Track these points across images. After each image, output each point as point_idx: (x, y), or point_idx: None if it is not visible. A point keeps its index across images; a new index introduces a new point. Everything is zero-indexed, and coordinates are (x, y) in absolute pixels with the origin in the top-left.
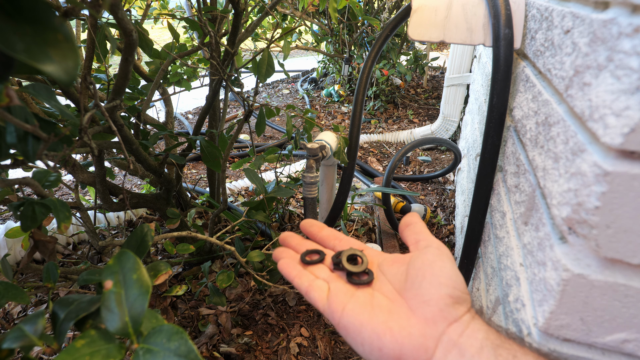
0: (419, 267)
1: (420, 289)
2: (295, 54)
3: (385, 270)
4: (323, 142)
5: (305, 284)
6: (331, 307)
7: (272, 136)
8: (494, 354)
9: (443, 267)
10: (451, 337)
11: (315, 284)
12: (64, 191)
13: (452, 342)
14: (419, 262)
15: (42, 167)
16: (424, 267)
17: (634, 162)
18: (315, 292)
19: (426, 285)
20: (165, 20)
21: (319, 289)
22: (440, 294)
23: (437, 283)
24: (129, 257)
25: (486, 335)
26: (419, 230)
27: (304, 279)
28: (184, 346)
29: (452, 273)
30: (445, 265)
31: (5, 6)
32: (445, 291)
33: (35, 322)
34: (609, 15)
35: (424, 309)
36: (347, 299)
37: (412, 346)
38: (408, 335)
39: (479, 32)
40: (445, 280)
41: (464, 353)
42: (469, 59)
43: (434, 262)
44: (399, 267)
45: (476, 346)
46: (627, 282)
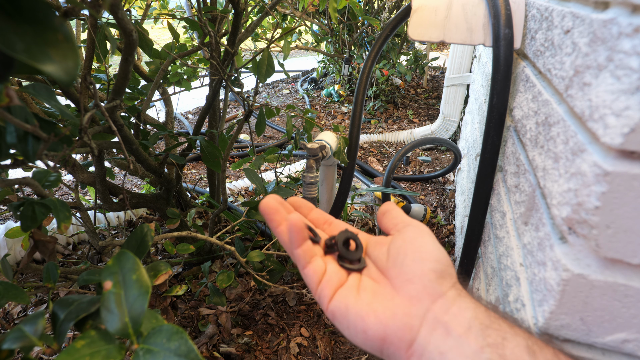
0: (399, 245)
1: (403, 266)
2: (295, 54)
3: (370, 252)
4: (323, 142)
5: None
6: (323, 292)
7: (272, 136)
8: (482, 335)
9: (423, 242)
10: (436, 315)
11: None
12: (64, 191)
13: (437, 319)
14: (399, 241)
15: (42, 167)
16: (404, 244)
17: (634, 162)
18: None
19: (408, 262)
20: (165, 20)
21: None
22: (422, 269)
23: (419, 259)
24: (129, 257)
25: (474, 314)
26: (395, 215)
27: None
28: (184, 346)
29: (432, 247)
30: (425, 240)
31: (5, 6)
32: (428, 266)
33: (35, 323)
34: (609, 15)
35: (407, 287)
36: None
37: (395, 326)
38: (392, 315)
39: (479, 32)
40: (427, 255)
41: (450, 332)
42: (469, 59)
43: (414, 238)
44: (381, 247)
45: (464, 326)
46: (627, 282)
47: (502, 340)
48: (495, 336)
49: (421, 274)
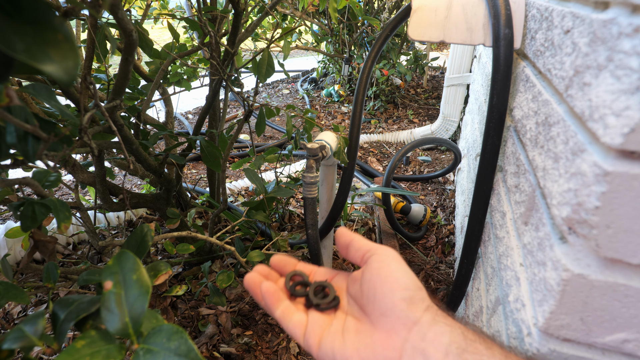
0: (368, 279)
1: (375, 301)
2: (295, 54)
3: (350, 291)
4: (323, 142)
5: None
6: (308, 342)
7: (272, 136)
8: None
9: (390, 271)
10: (413, 343)
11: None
12: (64, 191)
13: (415, 348)
14: (367, 274)
15: (42, 167)
16: (372, 277)
17: (634, 162)
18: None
19: (379, 296)
20: (165, 20)
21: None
22: (393, 301)
23: (388, 290)
24: (129, 257)
25: (450, 338)
26: (359, 245)
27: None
28: (184, 346)
29: (399, 274)
30: (391, 268)
31: (5, 6)
32: (397, 296)
33: (35, 323)
34: (609, 15)
35: (383, 321)
36: (322, 331)
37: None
38: (372, 352)
39: (479, 32)
40: (394, 284)
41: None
42: (469, 59)
43: (380, 269)
44: (356, 284)
45: (441, 351)
46: (627, 282)
47: None
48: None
49: (392, 305)
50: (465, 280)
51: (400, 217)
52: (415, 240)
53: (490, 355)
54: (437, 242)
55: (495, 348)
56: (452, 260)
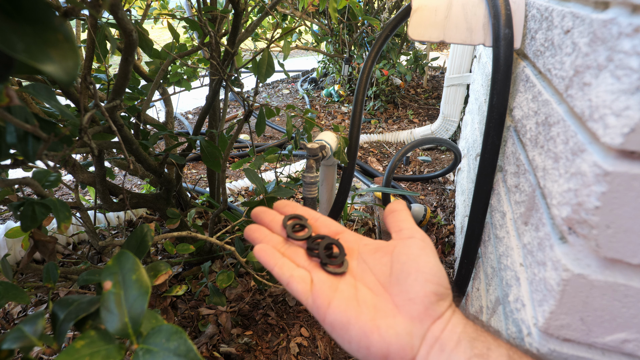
0: (403, 262)
1: (406, 285)
2: (295, 54)
3: (367, 259)
4: (323, 142)
5: (286, 275)
6: (316, 302)
7: (272, 136)
8: (470, 347)
9: (427, 262)
10: (434, 334)
11: (297, 274)
12: (64, 191)
13: (435, 338)
14: (403, 256)
15: (42, 167)
16: (408, 261)
17: (634, 162)
18: (298, 285)
19: (411, 282)
20: (165, 20)
21: (302, 281)
22: (425, 291)
23: (423, 280)
24: (129, 257)
25: (464, 329)
26: (403, 218)
27: (284, 269)
28: (183, 346)
29: (436, 269)
30: (429, 260)
31: (5, 6)
32: (430, 288)
33: (35, 323)
34: (609, 15)
35: (409, 307)
36: (332, 293)
37: (399, 345)
38: (395, 334)
39: (479, 32)
40: (430, 277)
41: (444, 348)
42: (469, 59)
43: (419, 256)
44: (381, 256)
45: (455, 340)
46: (627, 282)
47: (487, 351)
48: (481, 347)
49: (424, 295)
50: (465, 280)
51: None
52: None
53: (497, 345)
54: (437, 242)
55: (501, 341)
56: (452, 260)
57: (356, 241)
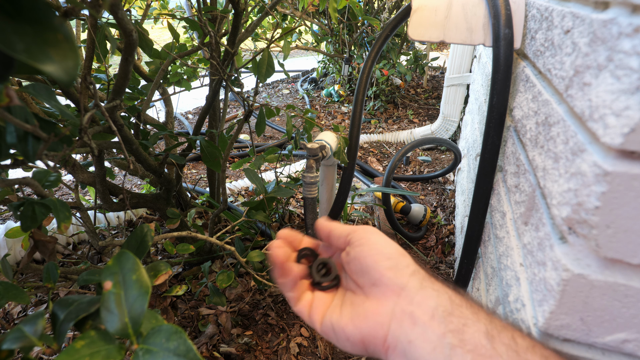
0: (354, 257)
1: (365, 274)
2: (295, 54)
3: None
4: (323, 142)
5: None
6: (312, 318)
7: (272, 136)
8: (445, 322)
9: (371, 245)
10: (402, 307)
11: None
12: (64, 191)
13: (403, 311)
14: (352, 253)
15: (42, 167)
16: (357, 254)
17: (634, 162)
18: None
19: (366, 269)
20: (165, 20)
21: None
22: (379, 271)
23: (373, 262)
24: (129, 257)
25: (437, 302)
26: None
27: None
28: (182, 346)
29: (380, 246)
30: (371, 242)
31: (5, 6)
32: (382, 265)
33: (35, 323)
34: (609, 15)
35: (374, 291)
36: (325, 308)
37: (368, 327)
38: (364, 318)
39: (479, 32)
40: (378, 256)
41: (416, 321)
42: (469, 59)
43: (362, 245)
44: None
45: (428, 314)
46: (627, 282)
47: (462, 326)
48: (456, 322)
49: (380, 275)
50: (465, 280)
51: (400, 217)
52: (415, 240)
53: (476, 320)
54: (437, 242)
55: (481, 313)
56: (452, 260)
57: None
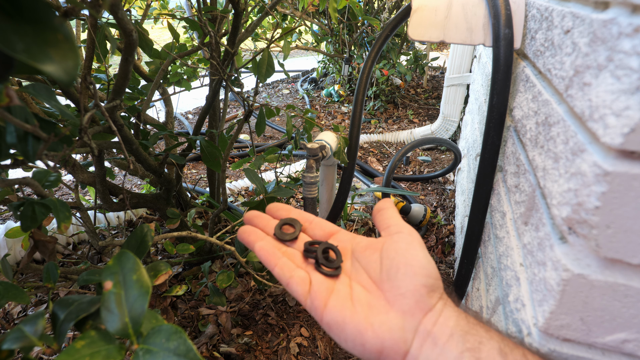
0: (392, 257)
1: (396, 280)
2: (295, 54)
3: (359, 256)
4: (323, 142)
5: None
6: (314, 303)
7: (272, 136)
8: (462, 341)
9: (415, 255)
10: (426, 327)
11: (297, 275)
12: (64, 191)
13: (427, 331)
14: (392, 252)
15: (42, 167)
16: (397, 256)
17: (634, 162)
18: (298, 286)
19: (401, 276)
20: (165, 20)
21: (301, 282)
22: (415, 285)
23: (412, 273)
24: (129, 257)
25: (456, 322)
26: (390, 215)
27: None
28: (182, 345)
29: (424, 261)
30: (417, 253)
31: (5, 6)
32: (420, 281)
33: (35, 323)
34: (609, 15)
35: (401, 302)
36: (328, 294)
37: (392, 340)
38: (388, 330)
39: (479, 32)
40: (419, 269)
41: (436, 342)
42: (469, 59)
43: (407, 250)
44: (372, 253)
45: (447, 334)
46: (627, 282)
47: (478, 345)
48: (473, 341)
49: (414, 289)
50: (465, 280)
51: (401, 217)
52: None
53: (489, 337)
54: (437, 242)
55: (493, 332)
56: (452, 260)
57: (349, 240)
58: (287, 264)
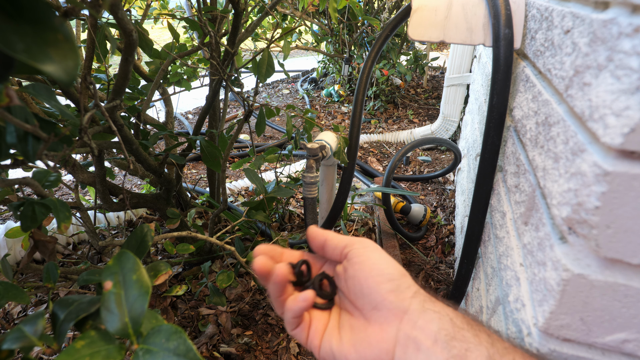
0: (352, 275)
1: (364, 296)
2: (295, 54)
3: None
4: (323, 142)
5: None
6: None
7: (272, 136)
8: (448, 347)
9: (371, 264)
10: (405, 332)
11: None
12: (64, 191)
13: (407, 336)
14: (350, 270)
15: (42, 167)
16: (356, 273)
17: (634, 162)
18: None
19: (366, 291)
20: (165, 20)
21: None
22: (381, 294)
23: (374, 284)
24: (129, 257)
25: (439, 325)
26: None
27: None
28: (182, 345)
29: (381, 266)
30: (372, 261)
31: (5, 6)
32: (384, 288)
33: (35, 323)
34: (609, 15)
35: (376, 315)
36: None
37: (373, 354)
38: (368, 345)
39: (479, 32)
40: (379, 277)
41: (419, 346)
42: (469, 59)
43: (362, 263)
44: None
45: (431, 338)
46: (627, 282)
47: (465, 352)
48: (459, 347)
49: (382, 299)
50: (465, 280)
51: (400, 217)
52: (415, 240)
53: (477, 343)
54: (437, 242)
55: (482, 335)
56: (452, 260)
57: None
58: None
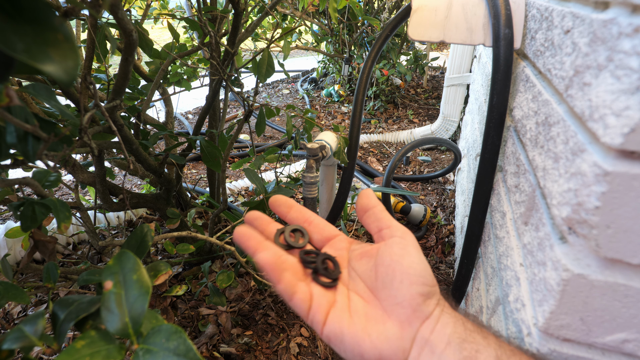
0: (387, 264)
1: (392, 289)
2: (295, 54)
3: (356, 265)
4: (323, 142)
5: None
6: (315, 318)
7: (272, 136)
8: (459, 349)
9: (411, 262)
10: (424, 335)
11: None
12: (64, 191)
13: (425, 339)
14: (386, 258)
15: (42, 167)
16: (392, 263)
17: (634, 162)
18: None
19: (397, 285)
20: (165, 20)
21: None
22: (411, 294)
23: (408, 282)
24: (129, 257)
25: (453, 329)
26: (379, 216)
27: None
28: (182, 345)
29: (420, 268)
30: (412, 260)
31: (5, 6)
32: (417, 290)
33: (35, 323)
34: (609, 15)
35: (398, 311)
36: (329, 307)
37: (390, 350)
38: (386, 339)
39: (479, 32)
40: (415, 277)
41: (434, 350)
42: (469, 59)
43: (402, 256)
44: (367, 261)
45: (444, 341)
46: (627, 282)
47: (475, 353)
48: (470, 349)
49: (410, 298)
50: (465, 280)
51: (400, 217)
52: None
53: (486, 344)
54: (437, 242)
55: (491, 338)
56: (452, 260)
57: (346, 248)
58: (290, 279)
